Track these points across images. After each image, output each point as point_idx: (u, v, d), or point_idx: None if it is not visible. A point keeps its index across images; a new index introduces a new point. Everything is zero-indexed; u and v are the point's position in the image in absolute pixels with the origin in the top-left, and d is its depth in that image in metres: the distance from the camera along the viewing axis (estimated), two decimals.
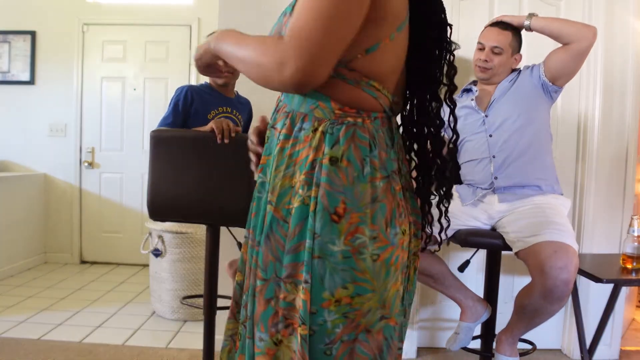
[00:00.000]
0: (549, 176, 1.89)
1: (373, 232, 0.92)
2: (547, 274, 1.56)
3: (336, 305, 0.91)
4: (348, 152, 0.93)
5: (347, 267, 0.91)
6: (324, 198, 0.91)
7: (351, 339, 0.92)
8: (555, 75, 1.86)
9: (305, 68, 0.83)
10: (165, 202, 1.63)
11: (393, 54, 0.97)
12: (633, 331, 2.79)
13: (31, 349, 2.28)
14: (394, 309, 0.96)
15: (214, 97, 1.87)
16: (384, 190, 0.94)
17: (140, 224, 4.05)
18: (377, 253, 0.92)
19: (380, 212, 0.93)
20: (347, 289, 0.91)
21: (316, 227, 0.91)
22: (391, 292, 0.95)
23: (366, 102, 0.96)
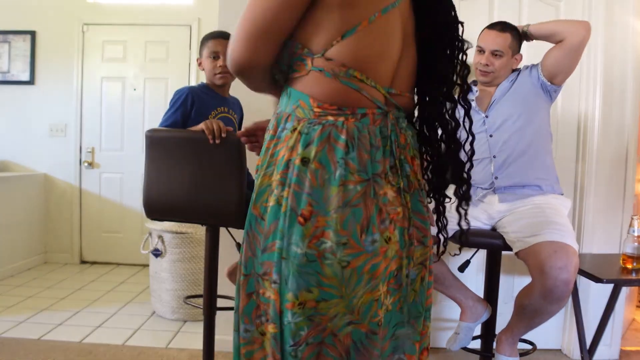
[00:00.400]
0: (549, 176, 1.89)
1: (341, 238, 0.88)
2: (547, 274, 1.56)
3: (300, 308, 0.90)
4: (321, 154, 0.90)
5: (311, 270, 0.89)
6: (292, 199, 0.90)
7: (317, 342, 0.91)
8: (552, 74, 1.86)
9: (232, 54, 0.98)
10: (160, 202, 1.64)
11: (375, 38, 0.92)
12: (633, 331, 2.79)
13: (31, 349, 2.28)
14: (367, 316, 0.92)
15: (212, 97, 1.87)
16: (361, 195, 0.90)
17: (140, 224, 4.05)
18: (347, 260, 0.89)
19: (354, 218, 0.89)
20: (312, 293, 0.89)
21: (284, 227, 0.90)
22: (363, 299, 0.91)
23: (347, 97, 0.92)
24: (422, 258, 1.00)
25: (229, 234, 2.11)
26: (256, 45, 0.94)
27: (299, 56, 0.94)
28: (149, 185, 1.65)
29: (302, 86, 0.95)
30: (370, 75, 0.92)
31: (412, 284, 0.99)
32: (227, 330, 2.35)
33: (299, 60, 0.94)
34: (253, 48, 0.95)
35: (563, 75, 1.87)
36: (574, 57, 1.82)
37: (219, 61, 1.83)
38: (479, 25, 2.30)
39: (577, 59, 1.84)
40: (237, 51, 0.97)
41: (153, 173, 1.65)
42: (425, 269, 1.01)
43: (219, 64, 1.83)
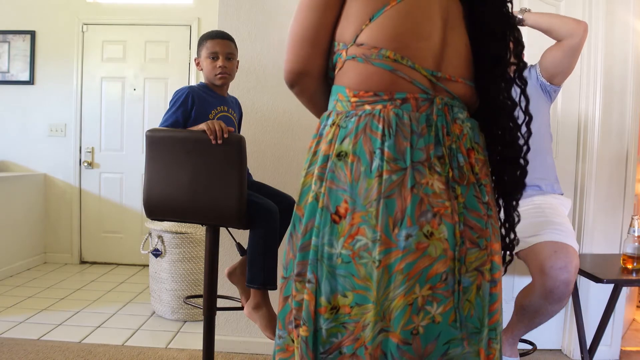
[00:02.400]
0: (549, 176, 1.89)
1: (376, 234, 0.82)
2: (548, 274, 1.55)
3: (332, 313, 0.84)
4: (357, 146, 0.85)
5: (346, 273, 0.83)
6: (327, 196, 0.86)
7: (350, 353, 0.84)
8: (551, 74, 1.85)
9: (285, 64, 0.97)
10: (160, 202, 1.63)
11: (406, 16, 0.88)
12: (633, 331, 2.79)
13: (31, 349, 2.27)
14: (400, 324, 0.82)
15: (212, 97, 1.87)
16: (397, 184, 0.82)
17: (140, 224, 4.05)
18: (379, 258, 0.81)
19: (387, 210, 0.82)
20: (347, 297, 0.83)
21: (320, 227, 0.86)
22: (396, 303, 0.82)
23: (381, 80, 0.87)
24: (477, 263, 0.87)
25: (229, 234, 2.10)
26: (300, 52, 0.95)
27: (337, 53, 0.93)
28: (149, 185, 1.65)
29: (339, 79, 0.93)
30: (406, 55, 0.86)
31: (466, 293, 0.86)
32: (227, 330, 2.35)
33: (338, 57, 0.93)
34: (298, 55, 0.95)
35: (562, 75, 1.86)
36: (573, 57, 1.82)
37: (218, 61, 1.83)
38: None
39: (575, 59, 1.83)
40: (286, 61, 0.97)
41: (153, 173, 1.64)
42: (482, 276, 0.87)
43: (218, 64, 1.83)
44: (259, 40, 2.27)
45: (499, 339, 0.91)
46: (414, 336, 0.82)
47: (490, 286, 0.89)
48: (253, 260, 1.65)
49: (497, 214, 0.94)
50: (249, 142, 1.69)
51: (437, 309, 0.83)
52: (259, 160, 2.30)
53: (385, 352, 0.83)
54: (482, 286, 0.87)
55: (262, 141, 2.30)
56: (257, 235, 1.66)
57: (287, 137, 2.30)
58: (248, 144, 1.66)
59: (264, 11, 2.25)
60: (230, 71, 1.87)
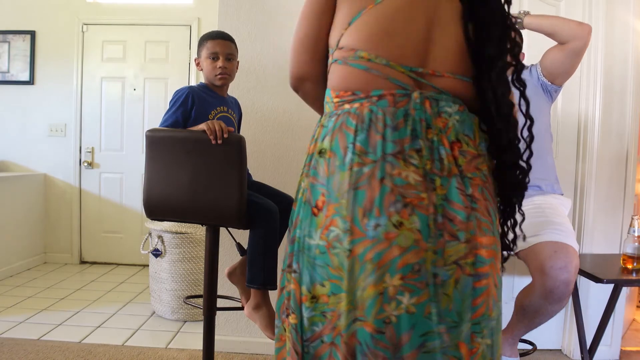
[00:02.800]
0: (549, 176, 1.88)
1: (347, 224, 0.84)
2: (548, 274, 1.55)
3: (313, 302, 0.87)
4: (333, 142, 0.91)
5: (323, 263, 0.86)
6: (309, 191, 0.92)
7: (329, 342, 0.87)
8: (553, 75, 1.85)
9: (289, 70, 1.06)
10: (160, 202, 1.63)
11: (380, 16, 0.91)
12: (633, 331, 2.79)
13: (31, 349, 2.27)
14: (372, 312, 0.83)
15: (212, 97, 1.87)
16: (367, 176, 0.85)
17: (140, 224, 4.05)
18: (349, 248, 0.84)
19: (357, 200, 0.84)
20: (325, 287, 0.86)
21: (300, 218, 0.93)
22: (367, 292, 0.83)
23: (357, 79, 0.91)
24: (456, 256, 0.86)
25: (229, 234, 2.10)
26: (299, 57, 1.03)
27: (329, 58, 1.00)
28: (149, 185, 1.65)
29: (328, 83, 1.00)
30: (380, 54, 0.89)
31: (444, 287, 0.85)
32: (227, 330, 2.35)
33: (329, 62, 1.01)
34: (298, 62, 1.03)
35: (564, 76, 1.86)
36: (576, 60, 1.81)
37: (218, 62, 1.83)
38: None
39: (578, 61, 1.83)
40: (290, 67, 1.06)
41: (153, 173, 1.64)
42: (461, 270, 0.87)
43: (218, 65, 1.83)
44: (259, 40, 2.27)
45: (486, 333, 0.90)
46: (387, 325, 0.83)
47: (474, 280, 0.88)
48: (253, 260, 1.65)
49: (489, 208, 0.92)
50: (249, 142, 1.69)
51: (410, 299, 0.83)
52: (259, 160, 2.30)
53: (360, 341, 0.84)
54: (461, 280, 0.86)
55: (262, 141, 2.30)
56: (257, 235, 1.66)
57: (287, 137, 2.30)
58: (248, 144, 1.66)
59: (264, 11, 2.25)
60: (231, 72, 1.87)
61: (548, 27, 1.79)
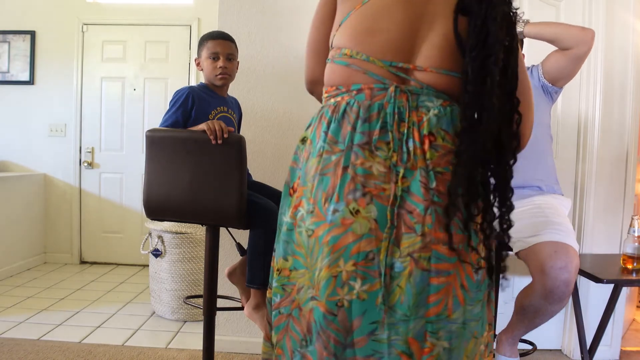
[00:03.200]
0: (549, 177, 1.88)
1: (310, 206, 0.91)
2: (548, 274, 1.55)
3: (277, 274, 0.94)
4: (313, 132, 0.98)
5: (289, 239, 0.93)
6: (288, 174, 1.00)
7: (287, 313, 0.93)
8: (554, 78, 1.85)
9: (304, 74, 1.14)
10: (160, 202, 1.64)
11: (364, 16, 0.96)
12: (633, 331, 2.79)
13: (31, 350, 2.27)
14: (325, 293, 0.85)
15: (212, 97, 1.87)
16: (334, 164, 0.89)
17: (140, 224, 4.05)
18: (312, 228, 0.90)
19: (321, 186, 0.90)
20: (287, 261, 0.93)
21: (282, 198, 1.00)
22: (323, 273, 0.86)
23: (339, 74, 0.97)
24: (411, 249, 0.85)
25: (229, 234, 2.10)
26: (309, 62, 1.10)
27: None
28: (149, 185, 1.65)
29: None
30: (361, 50, 0.94)
31: (397, 278, 0.85)
32: (227, 330, 2.35)
33: None
34: (308, 66, 1.11)
35: (566, 79, 1.86)
36: (579, 64, 1.81)
37: (218, 62, 1.83)
38: None
39: (580, 66, 1.82)
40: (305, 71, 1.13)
41: (153, 173, 1.64)
42: (415, 263, 0.85)
43: (218, 65, 1.83)
44: (258, 40, 2.27)
45: (442, 335, 0.86)
46: (339, 308, 0.85)
47: (429, 276, 0.86)
48: (253, 260, 1.65)
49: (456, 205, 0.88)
50: (249, 142, 1.69)
51: (361, 286, 0.85)
52: (259, 160, 2.30)
53: (315, 319, 0.88)
54: (414, 273, 0.85)
55: (262, 141, 2.30)
56: (257, 235, 1.66)
57: (287, 137, 2.30)
58: (248, 144, 1.66)
59: (264, 11, 2.25)
60: (231, 72, 1.87)
61: (550, 35, 1.78)
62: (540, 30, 1.81)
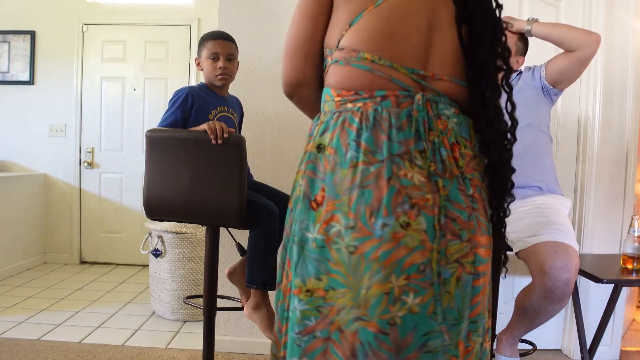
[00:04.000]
0: (549, 177, 1.88)
1: (350, 221, 0.85)
2: (548, 274, 1.55)
3: (307, 296, 0.87)
4: (334, 140, 0.91)
5: (321, 257, 0.86)
6: (306, 185, 0.92)
7: (324, 337, 0.86)
8: (556, 80, 1.85)
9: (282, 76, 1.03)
10: (160, 202, 1.64)
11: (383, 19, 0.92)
12: (633, 332, 2.79)
13: (31, 350, 2.27)
14: (376, 312, 0.83)
15: (212, 97, 1.87)
16: (374, 176, 0.86)
17: (140, 224, 4.05)
18: (355, 245, 0.84)
19: (363, 199, 0.85)
20: (321, 281, 0.86)
21: (297, 212, 0.92)
22: (372, 291, 0.83)
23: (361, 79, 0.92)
24: (458, 255, 0.87)
25: (229, 234, 2.10)
26: (297, 62, 1.00)
27: (326, 59, 0.99)
28: (149, 185, 1.65)
29: (326, 82, 0.99)
30: (384, 56, 0.91)
31: (446, 285, 0.87)
32: (227, 330, 2.35)
33: (326, 62, 0.99)
34: (295, 65, 1.00)
35: (567, 82, 1.86)
36: (582, 67, 1.81)
37: (218, 62, 1.83)
38: None
39: (583, 69, 1.82)
40: (283, 72, 1.02)
41: (153, 173, 1.64)
42: (462, 268, 0.88)
43: (218, 65, 1.83)
44: (259, 40, 2.27)
45: (480, 332, 0.91)
46: (391, 326, 0.84)
47: (473, 279, 0.89)
48: (253, 260, 1.65)
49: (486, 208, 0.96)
50: (249, 142, 1.69)
51: (414, 299, 0.84)
52: (259, 160, 2.30)
53: (362, 341, 0.84)
54: (462, 278, 0.88)
55: (262, 141, 2.30)
56: (257, 235, 1.66)
57: (287, 137, 2.30)
58: (248, 144, 1.66)
59: (264, 11, 2.25)
60: (231, 72, 1.87)
61: (556, 36, 1.79)
62: (548, 31, 1.81)
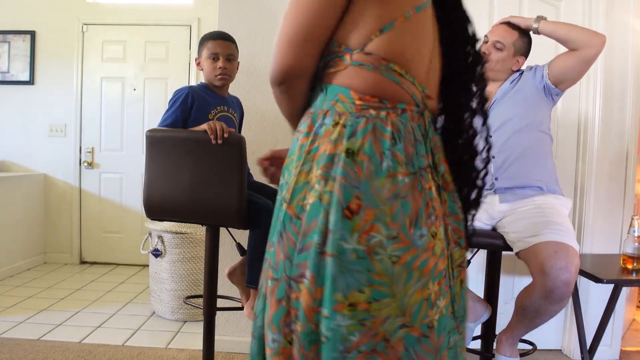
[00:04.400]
0: (549, 178, 1.88)
1: (392, 231, 0.85)
2: (548, 274, 1.55)
3: (351, 310, 0.84)
4: (366, 146, 0.88)
5: (362, 268, 0.84)
6: (339, 192, 0.86)
7: (369, 350, 0.85)
8: (559, 79, 1.85)
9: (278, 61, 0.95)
10: (160, 202, 1.64)
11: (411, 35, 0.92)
12: (633, 332, 2.79)
13: (31, 350, 2.27)
14: (418, 318, 0.87)
15: (212, 97, 1.87)
16: (409, 187, 0.88)
17: (140, 224, 4.05)
18: (398, 255, 0.85)
19: (403, 210, 0.86)
20: (364, 293, 0.84)
21: (330, 222, 0.86)
22: (414, 298, 0.86)
23: (388, 88, 0.91)
24: (460, 260, 0.98)
25: (229, 234, 2.10)
26: (303, 50, 0.93)
27: (337, 54, 0.95)
28: (149, 185, 1.65)
29: (340, 80, 0.94)
30: (409, 71, 0.93)
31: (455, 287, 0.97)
32: (227, 330, 2.35)
33: (337, 58, 0.94)
34: (300, 53, 0.93)
35: (570, 82, 1.86)
36: (585, 67, 1.81)
37: (218, 62, 1.83)
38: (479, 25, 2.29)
39: (586, 70, 1.83)
40: (283, 58, 0.94)
41: (153, 173, 1.64)
42: (464, 270, 1.00)
43: (218, 65, 1.83)
44: (259, 40, 2.27)
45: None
46: (430, 330, 0.88)
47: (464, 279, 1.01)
48: (253, 260, 1.65)
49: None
50: (249, 142, 1.69)
51: (442, 302, 0.91)
52: None
53: (407, 346, 0.86)
54: (464, 279, 0.99)
55: (262, 141, 2.30)
56: (257, 235, 1.66)
57: (287, 137, 2.29)
58: (248, 144, 1.66)
59: (264, 11, 2.25)
60: (231, 72, 1.87)
61: (563, 34, 1.79)
62: (554, 28, 1.82)
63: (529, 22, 1.88)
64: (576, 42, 1.77)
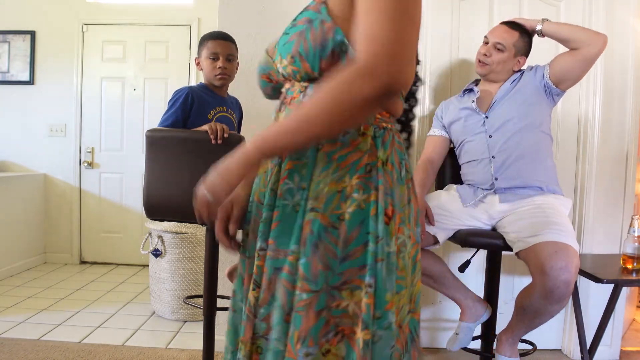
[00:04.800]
0: (549, 178, 1.89)
1: (409, 232, 0.98)
2: (548, 274, 1.55)
3: (396, 307, 0.96)
4: (392, 156, 0.97)
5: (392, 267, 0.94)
6: (382, 201, 0.92)
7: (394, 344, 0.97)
8: (559, 79, 1.85)
9: (404, 71, 0.81)
10: (160, 202, 1.64)
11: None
12: (633, 331, 2.79)
13: (31, 349, 2.27)
14: (419, 303, 1.01)
15: (211, 97, 1.87)
16: (412, 191, 1.01)
17: (140, 224, 4.05)
18: (410, 251, 0.98)
19: (412, 212, 1.00)
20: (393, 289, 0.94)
21: (378, 230, 0.90)
22: (418, 287, 1.01)
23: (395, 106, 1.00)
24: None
25: None
26: (410, 66, 0.86)
27: None
28: (149, 185, 1.65)
29: None
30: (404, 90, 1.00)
31: None
32: None
33: None
34: (408, 70, 0.84)
35: (570, 82, 1.87)
36: (586, 67, 1.81)
37: (218, 62, 1.83)
38: (479, 25, 2.30)
39: (587, 69, 1.83)
40: (393, 72, 0.80)
41: (153, 173, 1.65)
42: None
43: (218, 65, 1.83)
44: (259, 40, 2.26)
45: None
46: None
47: None
48: None
49: None
50: None
51: None
52: None
53: (410, 329, 0.98)
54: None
55: None
56: None
57: None
58: None
59: (264, 11, 2.25)
60: (230, 72, 1.87)
61: (565, 33, 1.81)
62: (557, 29, 1.83)
63: (532, 24, 1.89)
64: (578, 41, 1.77)
